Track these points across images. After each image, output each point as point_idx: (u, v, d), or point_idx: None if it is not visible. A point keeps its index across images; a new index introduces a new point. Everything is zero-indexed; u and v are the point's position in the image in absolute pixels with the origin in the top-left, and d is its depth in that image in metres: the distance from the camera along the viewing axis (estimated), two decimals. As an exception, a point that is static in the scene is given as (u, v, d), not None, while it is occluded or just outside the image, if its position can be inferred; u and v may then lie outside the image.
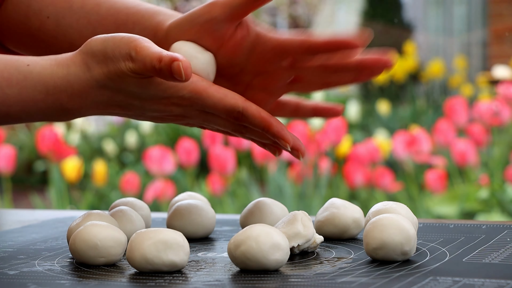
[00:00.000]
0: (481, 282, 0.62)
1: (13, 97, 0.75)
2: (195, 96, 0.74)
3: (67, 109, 0.76)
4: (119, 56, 0.72)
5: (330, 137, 3.67)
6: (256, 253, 0.68)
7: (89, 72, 0.74)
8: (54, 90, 0.74)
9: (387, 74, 6.35)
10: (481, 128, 3.62)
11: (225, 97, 0.74)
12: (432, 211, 3.14)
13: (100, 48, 0.73)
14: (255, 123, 0.74)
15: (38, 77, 0.75)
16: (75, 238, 0.73)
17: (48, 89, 0.74)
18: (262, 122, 0.74)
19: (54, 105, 0.75)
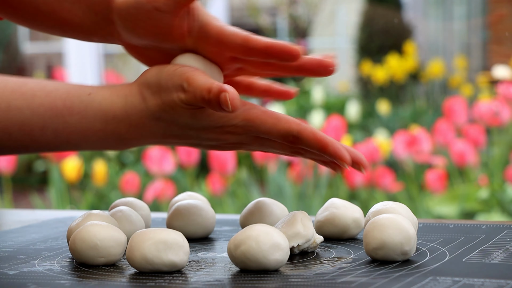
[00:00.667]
0: (481, 282, 0.62)
1: (74, 125, 0.75)
2: (248, 124, 0.74)
3: (125, 139, 0.77)
4: (172, 87, 0.73)
5: (330, 137, 3.66)
6: (256, 253, 0.68)
7: (144, 103, 0.75)
8: (113, 120, 0.75)
9: (387, 74, 6.36)
10: (480, 128, 3.62)
11: (278, 122, 0.74)
12: (432, 211, 3.14)
13: (154, 80, 0.74)
14: (310, 145, 0.74)
15: (99, 107, 0.75)
16: (75, 238, 0.73)
17: (108, 119, 0.75)
18: (318, 144, 0.74)
19: (112, 135, 0.76)
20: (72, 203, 3.78)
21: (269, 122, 0.74)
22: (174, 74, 0.74)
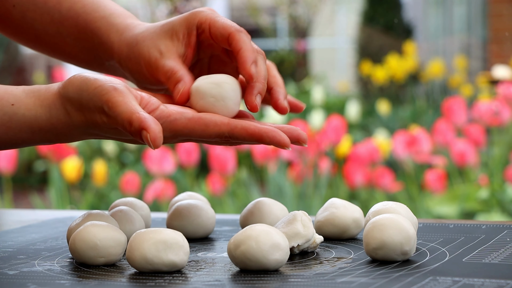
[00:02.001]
0: (481, 282, 0.62)
1: (0, 136, 0.76)
2: (176, 134, 0.74)
3: (55, 143, 0.78)
4: (93, 108, 0.73)
5: (330, 137, 3.67)
6: (256, 253, 0.68)
7: (69, 117, 0.74)
8: (39, 131, 0.76)
9: (387, 74, 6.36)
10: (480, 128, 3.63)
11: (206, 128, 0.73)
12: (432, 211, 3.14)
13: (76, 97, 0.74)
14: (245, 140, 0.74)
15: (23, 119, 0.75)
16: (75, 238, 0.73)
17: (34, 131, 0.76)
18: (252, 138, 0.74)
19: (42, 141, 0.77)
20: (72, 203, 3.78)
21: (197, 130, 0.73)
22: (94, 95, 0.72)
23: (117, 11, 0.89)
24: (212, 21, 0.80)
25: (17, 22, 0.92)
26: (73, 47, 0.91)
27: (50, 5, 0.90)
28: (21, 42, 0.96)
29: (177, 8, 7.30)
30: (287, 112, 0.82)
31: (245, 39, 0.78)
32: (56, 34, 0.90)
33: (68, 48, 0.92)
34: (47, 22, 0.90)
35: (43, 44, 0.94)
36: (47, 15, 0.90)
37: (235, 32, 0.79)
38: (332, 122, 3.71)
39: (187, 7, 7.33)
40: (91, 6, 0.89)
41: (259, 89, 0.78)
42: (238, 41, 0.78)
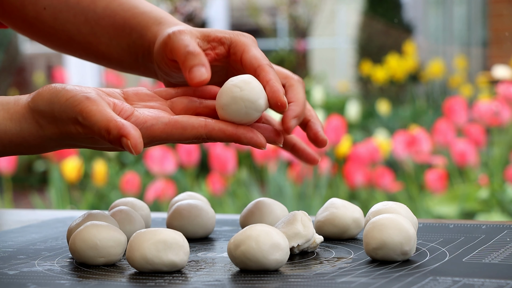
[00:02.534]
0: (481, 282, 0.62)
1: None
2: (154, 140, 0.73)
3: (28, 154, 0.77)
4: (66, 119, 0.72)
5: (330, 137, 3.67)
6: (256, 253, 0.68)
7: (42, 130, 0.74)
8: (10, 144, 0.75)
9: (387, 74, 6.36)
10: (480, 128, 3.62)
11: (184, 131, 0.73)
12: (432, 211, 3.14)
13: (47, 109, 0.73)
14: (223, 140, 0.74)
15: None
16: (75, 238, 0.73)
17: (5, 144, 0.75)
18: (230, 138, 0.74)
19: (14, 153, 0.76)
20: (72, 203, 3.78)
21: (175, 134, 0.73)
22: (66, 106, 0.71)
23: (156, 9, 0.89)
24: (247, 48, 0.80)
25: (48, 24, 0.92)
26: (107, 46, 0.91)
27: (84, 5, 0.90)
28: (52, 45, 0.95)
29: (177, 8, 7.31)
30: (326, 144, 0.83)
31: (272, 74, 0.78)
32: (90, 34, 0.90)
33: (102, 47, 0.91)
34: (80, 22, 0.90)
35: (75, 45, 0.93)
36: (81, 15, 0.90)
37: (264, 65, 0.78)
38: (332, 122, 3.71)
39: (187, 7, 7.33)
40: (129, 4, 0.89)
41: (297, 112, 0.79)
42: (267, 73, 0.78)
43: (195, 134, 0.73)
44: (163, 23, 0.86)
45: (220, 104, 0.75)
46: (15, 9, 0.93)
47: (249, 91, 0.74)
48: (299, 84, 0.84)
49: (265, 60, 0.79)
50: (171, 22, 0.86)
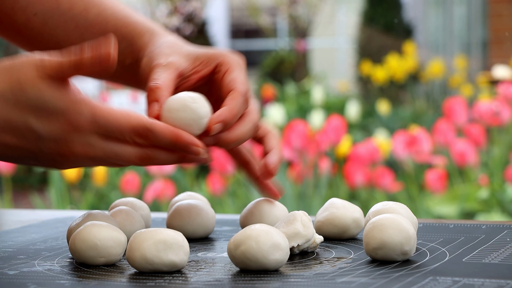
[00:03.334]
0: (481, 282, 0.62)
1: None
2: (98, 119, 0.71)
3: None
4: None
5: (330, 137, 3.67)
6: (256, 253, 0.68)
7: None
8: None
9: (387, 74, 6.36)
10: (480, 128, 3.63)
11: (129, 117, 0.72)
12: (432, 211, 3.14)
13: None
14: (164, 136, 0.72)
15: None
16: (75, 238, 0.73)
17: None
18: (172, 134, 0.72)
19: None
20: (72, 203, 3.78)
21: (120, 117, 0.72)
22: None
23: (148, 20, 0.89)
24: (231, 69, 0.80)
25: (36, 30, 0.91)
26: None
27: (76, 12, 0.89)
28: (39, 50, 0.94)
29: (177, 8, 7.31)
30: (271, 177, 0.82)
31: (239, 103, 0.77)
32: (79, 40, 0.89)
33: None
34: (71, 29, 0.90)
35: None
36: (72, 22, 0.89)
37: (237, 92, 0.77)
38: (332, 122, 3.71)
39: (187, 7, 7.34)
40: (122, 13, 0.89)
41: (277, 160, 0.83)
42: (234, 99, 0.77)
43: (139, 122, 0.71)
44: (154, 34, 0.86)
45: (169, 108, 0.74)
46: (4, 14, 0.92)
47: (200, 106, 0.74)
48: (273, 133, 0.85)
49: (242, 86, 0.78)
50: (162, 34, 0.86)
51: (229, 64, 0.80)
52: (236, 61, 0.81)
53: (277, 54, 8.57)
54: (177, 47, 0.83)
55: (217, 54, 0.81)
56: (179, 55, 0.81)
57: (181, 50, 0.82)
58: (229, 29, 11.03)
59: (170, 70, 0.79)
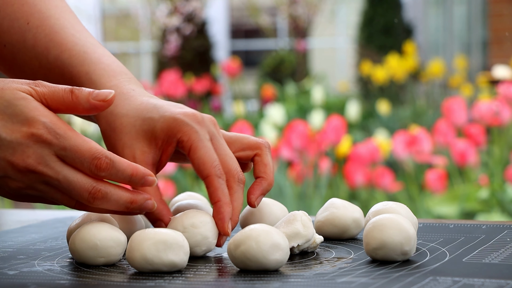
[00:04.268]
0: (481, 282, 0.62)
1: None
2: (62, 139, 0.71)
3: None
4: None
5: (330, 137, 3.67)
6: (256, 253, 0.68)
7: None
8: None
9: (387, 74, 6.36)
10: (480, 128, 3.63)
11: (93, 145, 0.72)
12: (432, 211, 3.14)
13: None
14: (123, 167, 0.72)
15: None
16: (75, 238, 0.73)
17: None
18: (130, 166, 0.72)
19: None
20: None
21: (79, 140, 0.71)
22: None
23: (102, 66, 0.85)
24: (194, 147, 0.77)
25: (8, 62, 0.90)
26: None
27: (39, 50, 0.88)
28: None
29: (177, 8, 7.31)
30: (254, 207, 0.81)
31: (223, 188, 0.77)
32: (44, 80, 0.85)
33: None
34: (35, 67, 0.88)
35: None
36: (36, 60, 0.88)
37: (214, 176, 0.77)
38: (332, 122, 3.71)
39: (187, 7, 7.34)
40: (78, 58, 0.86)
41: (265, 188, 0.80)
42: (217, 190, 0.77)
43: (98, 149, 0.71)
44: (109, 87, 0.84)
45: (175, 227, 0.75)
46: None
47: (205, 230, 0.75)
48: (267, 153, 0.82)
49: (212, 165, 0.77)
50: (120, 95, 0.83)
51: (190, 140, 0.78)
52: (192, 129, 0.78)
53: (277, 54, 8.57)
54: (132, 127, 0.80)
55: (173, 125, 0.78)
56: (140, 142, 0.79)
57: (138, 131, 0.79)
58: (229, 29, 11.03)
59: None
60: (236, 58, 7.52)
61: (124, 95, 0.82)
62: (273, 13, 9.75)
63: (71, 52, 0.86)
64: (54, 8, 0.90)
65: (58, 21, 0.89)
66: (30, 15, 0.89)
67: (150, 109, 0.80)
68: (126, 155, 0.79)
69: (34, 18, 0.89)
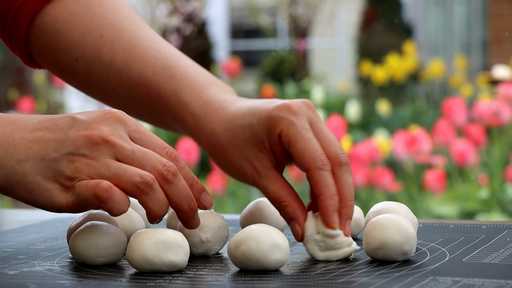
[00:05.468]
0: (481, 282, 0.62)
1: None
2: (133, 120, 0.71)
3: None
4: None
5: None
6: (256, 253, 0.68)
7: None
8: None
9: (387, 74, 6.36)
10: (480, 128, 3.63)
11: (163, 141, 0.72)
12: (432, 211, 3.14)
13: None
14: (187, 168, 0.72)
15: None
16: (75, 238, 0.73)
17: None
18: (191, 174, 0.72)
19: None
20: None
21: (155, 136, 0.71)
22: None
23: (189, 82, 0.83)
24: (293, 140, 0.75)
25: (81, 77, 0.87)
26: (147, 112, 0.86)
27: (118, 66, 0.85)
28: (91, 97, 0.91)
29: (177, 8, 7.31)
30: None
31: (326, 180, 0.74)
32: (127, 97, 0.85)
33: (143, 113, 0.87)
34: (115, 84, 0.85)
35: (115, 104, 0.88)
36: (115, 77, 0.85)
37: (314, 169, 0.74)
38: (332, 122, 3.71)
39: (187, 7, 7.33)
40: (163, 75, 0.84)
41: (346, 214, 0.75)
42: (318, 183, 0.75)
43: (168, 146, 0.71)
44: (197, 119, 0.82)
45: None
46: (47, 54, 0.88)
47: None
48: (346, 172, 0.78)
49: (312, 156, 0.74)
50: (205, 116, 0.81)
51: (289, 133, 0.75)
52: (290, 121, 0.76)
53: (277, 54, 8.57)
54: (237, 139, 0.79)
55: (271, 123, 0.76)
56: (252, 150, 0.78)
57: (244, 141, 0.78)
58: (229, 29, 11.03)
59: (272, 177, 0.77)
60: (236, 58, 7.53)
61: (217, 110, 0.81)
62: (273, 13, 9.75)
63: (154, 68, 0.84)
64: (126, 20, 0.87)
65: (133, 34, 0.86)
66: (102, 28, 0.86)
67: (246, 115, 0.79)
68: (246, 168, 0.78)
69: (106, 31, 0.85)
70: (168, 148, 0.71)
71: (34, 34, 0.89)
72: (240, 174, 0.80)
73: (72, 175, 0.68)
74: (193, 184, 0.72)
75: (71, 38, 0.86)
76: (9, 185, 0.69)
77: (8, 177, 0.69)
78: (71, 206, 0.69)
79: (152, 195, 0.69)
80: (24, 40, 0.89)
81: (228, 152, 0.79)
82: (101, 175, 0.68)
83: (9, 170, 0.68)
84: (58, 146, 0.69)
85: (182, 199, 0.71)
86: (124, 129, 0.70)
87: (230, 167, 0.80)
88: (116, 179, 0.68)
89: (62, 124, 0.70)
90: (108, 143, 0.69)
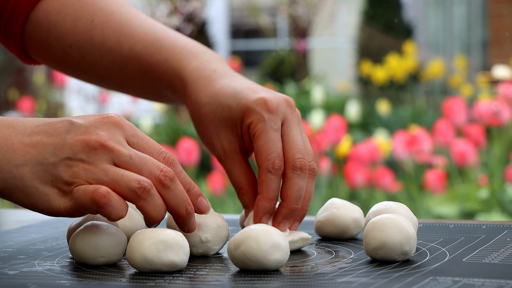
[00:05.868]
0: (481, 282, 0.62)
1: None
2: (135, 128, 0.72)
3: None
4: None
5: (330, 137, 3.67)
6: (256, 253, 0.68)
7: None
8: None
9: (387, 74, 6.36)
10: (480, 128, 3.63)
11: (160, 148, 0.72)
12: (432, 211, 3.14)
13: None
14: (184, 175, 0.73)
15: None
16: (75, 238, 0.73)
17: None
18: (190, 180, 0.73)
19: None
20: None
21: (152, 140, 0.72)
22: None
23: (179, 50, 0.86)
24: (257, 135, 0.78)
25: (76, 62, 0.90)
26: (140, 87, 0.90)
27: (109, 45, 0.88)
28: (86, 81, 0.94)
29: (177, 8, 7.30)
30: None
31: (269, 183, 0.77)
32: (120, 74, 0.88)
33: (136, 88, 0.90)
34: (108, 63, 0.88)
35: (109, 83, 0.92)
36: (108, 56, 0.88)
37: (264, 170, 0.77)
38: (332, 122, 3.71)
39: (187, 7, 7.33)
40: (152, 47, 0.87)
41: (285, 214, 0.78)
42: (262, 183, 0.78)
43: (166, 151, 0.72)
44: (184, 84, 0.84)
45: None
46: (42, 46, 0.91)
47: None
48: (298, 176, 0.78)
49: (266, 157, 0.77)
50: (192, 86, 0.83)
51: (255, 129, 0.78)
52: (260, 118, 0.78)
53: (277, 54, 8.57)
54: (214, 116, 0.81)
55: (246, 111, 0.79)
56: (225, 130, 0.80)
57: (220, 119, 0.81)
58: (229, 29, 11.03)
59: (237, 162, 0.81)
60: (236, 58, 7.53)
61: (205, 79, 0.83)
62: (273, 13, 9.75)
63: (144, 42, 0.87)
64: (115, 3, 0.90)
65: (122, 15, 0.89)
66: (92, 13, 0.89)
67: (228, 95, 0.81)
68: (216, 145, 0.81)
69: (97, 16, 0.89)
70: (166, 153, 0.72)
71: (28, 29, 0.91)
72: (209, 147, 0.83)
73: (70, 180, 0.69)
74: (190, 189, 0.73)
75: (64, 27, 0.90)
76: (7, 189, 0.69)
77: (6, 181, 0.69)
78: (69, 211, 0.69)
79: (150, 200, 0.69)
80: (19, 36, 0.91)
81: (204, 125, 0.82)
82: (99, 181, 0.68)
83: (7, 174, 0.69)
84: (56, 150, 0.69)
85: (179, 203, 0.71)
86: (121, 133, 0.71)
87: (204, 138, 0.83)
88: (114, 185, 0.68)
89: (60, 128, 0.70)
90: (105, 148, 0.69)
